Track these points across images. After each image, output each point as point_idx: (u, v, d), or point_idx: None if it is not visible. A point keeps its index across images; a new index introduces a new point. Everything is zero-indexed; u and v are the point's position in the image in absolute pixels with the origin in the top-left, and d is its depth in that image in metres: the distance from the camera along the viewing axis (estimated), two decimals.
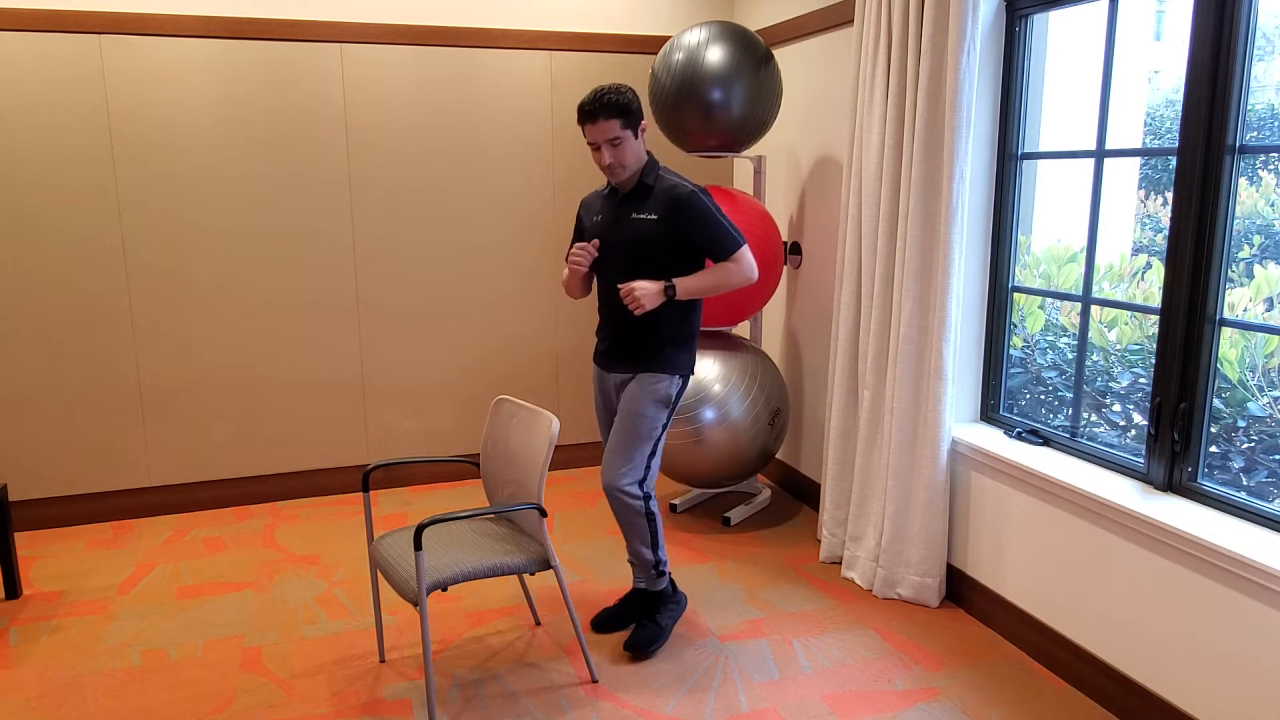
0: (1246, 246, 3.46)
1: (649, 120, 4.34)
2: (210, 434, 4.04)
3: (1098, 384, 3.57)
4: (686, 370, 2.79)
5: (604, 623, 2.98)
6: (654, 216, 2.67)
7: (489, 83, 4.15)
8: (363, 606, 3.15)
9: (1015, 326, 3.16)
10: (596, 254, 2.72)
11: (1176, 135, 2.31)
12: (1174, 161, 2.33)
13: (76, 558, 3.58)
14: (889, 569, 3.16)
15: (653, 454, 2.79)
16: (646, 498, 2.79)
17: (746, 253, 2.69)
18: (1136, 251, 4.69)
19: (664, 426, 2.78)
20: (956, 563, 3.12)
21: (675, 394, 2.78)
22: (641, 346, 2.75)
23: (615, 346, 2.80)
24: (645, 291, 2.59)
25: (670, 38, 3.99)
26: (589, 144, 2.65)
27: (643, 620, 2.90)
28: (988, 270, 3.05)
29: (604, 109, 2.57)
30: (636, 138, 2.64)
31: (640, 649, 2.81)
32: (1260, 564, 2.05)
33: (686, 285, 2.65)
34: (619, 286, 2.70)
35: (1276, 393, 2.96)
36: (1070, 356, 3.57)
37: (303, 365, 4.11)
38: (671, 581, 2.98)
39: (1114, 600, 2.49)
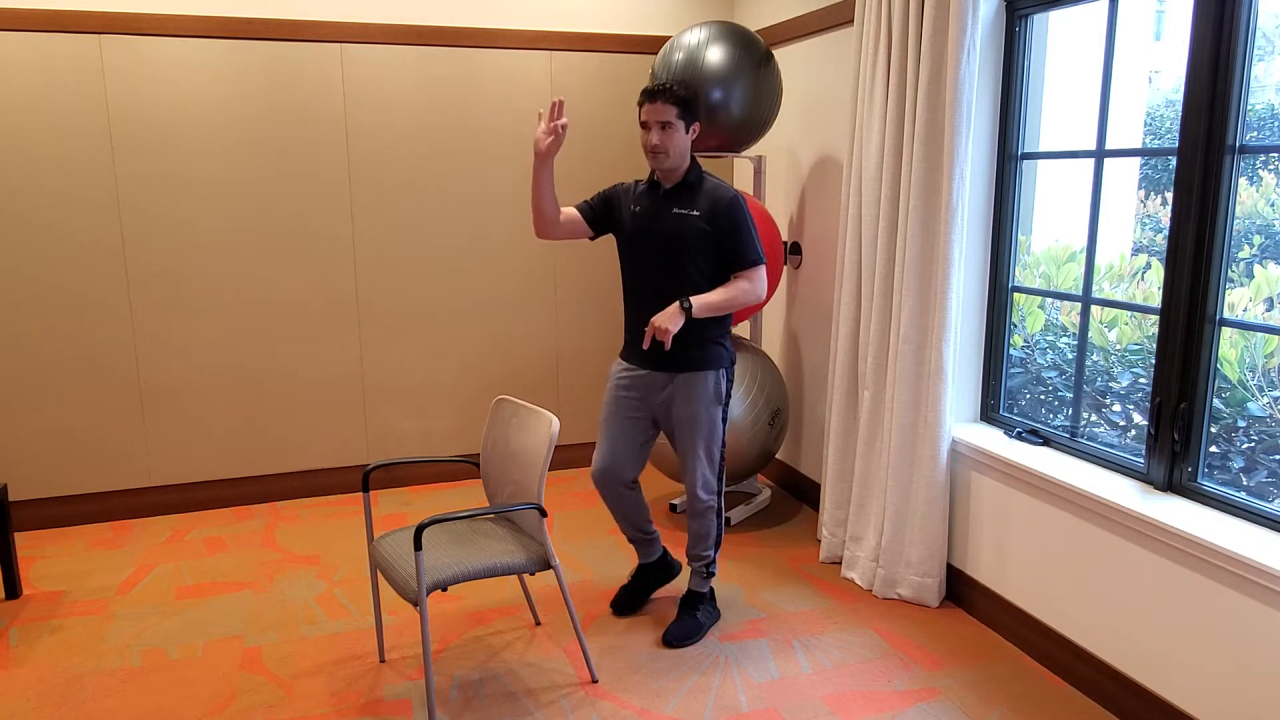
0: (1246, 246, 3.46)
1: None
2: (210, 434, 4.04)
3: (1098, 384, 3.57)
4: (728, 362, 2.86)
5: (622, 604, 3.09)
6: (696, 213, 2.74)
7: (489, 83, 4.15)
8: (363, 606, 3.15)
9: (1015, 326, 3.16)
10: (562, 121, 2.70)
11: (1176, 135, 2.31)
12: (1174, 161, 2.33)
13: (76, 558, 3.58)
14: (889, 569, 3.16)
15: (721, 450, 2.90)
16: (719, 495, 2.93)
17: (762, 272, 2.77)
18: (1136, 251, 4.69)
19: (724, 421, 2.88)
20: (956, 563, 3.12)
21: (725, 388, 2.87)
22: (680, 346, 2.80)
23: (652, 346, 2.83)
24: (667, 319, 2.64)
25: (670, 38, 3.99)
26: (641, 124, 2.73)
27: (682, 614, 2.98)
28: (988, 270, 3.05)
29: (665, 94, 2.69)
30: (686, 132, 2.74)
31: (681, 641, 2.90)
32: (1260, 564, 2.05)
33: (702, 302, 2.70)
34: (643, 330, 2.79)
35: (1276, 393, 2.96)
36: (1070, 356, 3.57)
37: (303, 365, 4.11)
38: (712, 590, 3.08)
39: (1114, 600, 2.49)
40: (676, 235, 2.74)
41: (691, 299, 2.69)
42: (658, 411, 2.89)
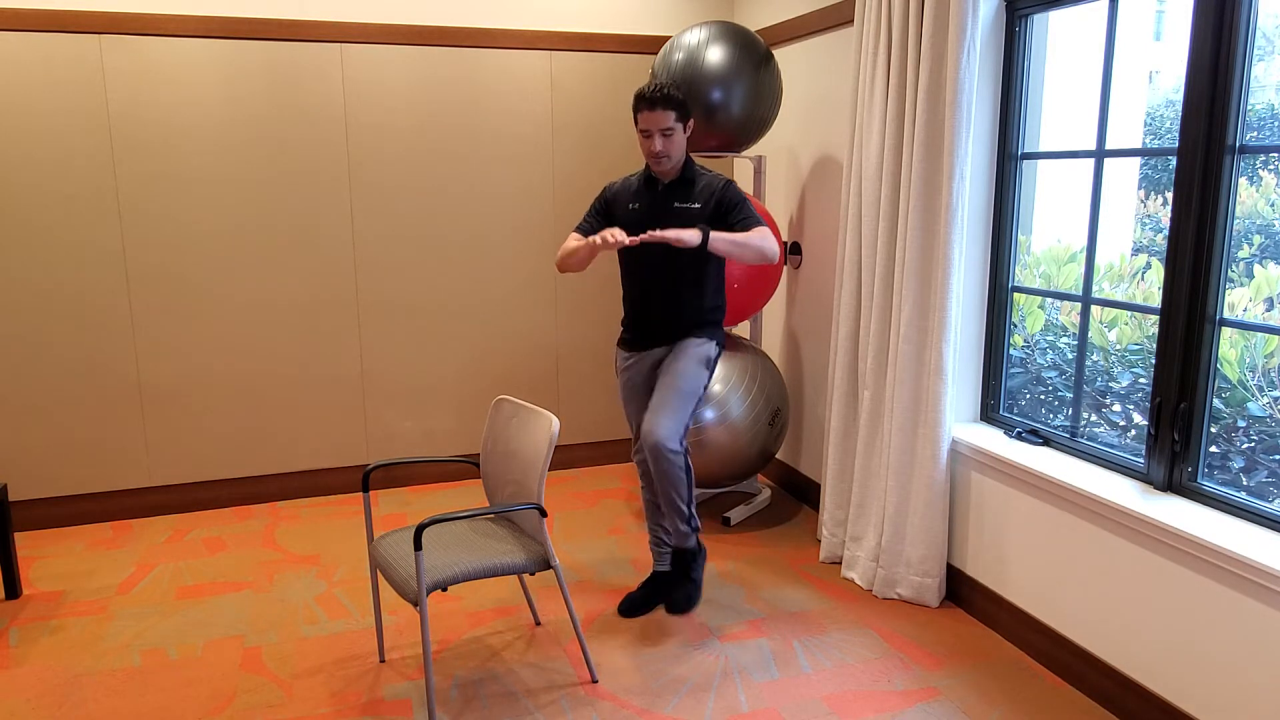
0: (1246, 246, 3.45)
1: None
2: (210, 434, 4.04)
3: (1098, 384, 3.57)
4: (722, 340, 2.92)
5: (630, 607, 3.08)
6: (697, 206, 2.79)
7: (489, 83, 4.15)
8: (363, 606, 3.15)
9: (1015, 326, 3.16)
10: (628, 243, 2.70)
11: (1176, 135, 2.31)
12: (1174, 161, 2.33)
13: (76, 558, 3.58)
14: (889, 569, 3.16)
15: (693, 412, 2.86)
16: (686, 452, 2.83)
17: (770, 232, 2.76)
18: (1136, 251, 4.68)
19: (704, 388, 2.87)
20: (956, 563, 3.12)
21: (714, 358, 2.89)
22: (681, 323, 2.86)
23: (653, 330, 2.88)
24: (685, 235, 2.58)
25: (670, 38, 3.99)
26: (641, 131, 2.74)
27: (678, 580, 2.94)
28: (988, 270, 3.05)
29: (663, 100, 2.69)
30: (684, 132, 2.77)
31: (686, 608, 2.90)
32: (1260, 564, 2.05)
33: (720, 236, 2.65)
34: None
35: (1276, 393, 2.96)
36: (1070, 356, 3.57)
37: (303, 365, 4.11)
38: (698, 541, 3.03)
39: (1114, 600, 2.49)
40: (683, 229, 2.76)
41: (712, 231, 2.64)
42: (654, 379, 2.92)
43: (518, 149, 4.26)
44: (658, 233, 2.60)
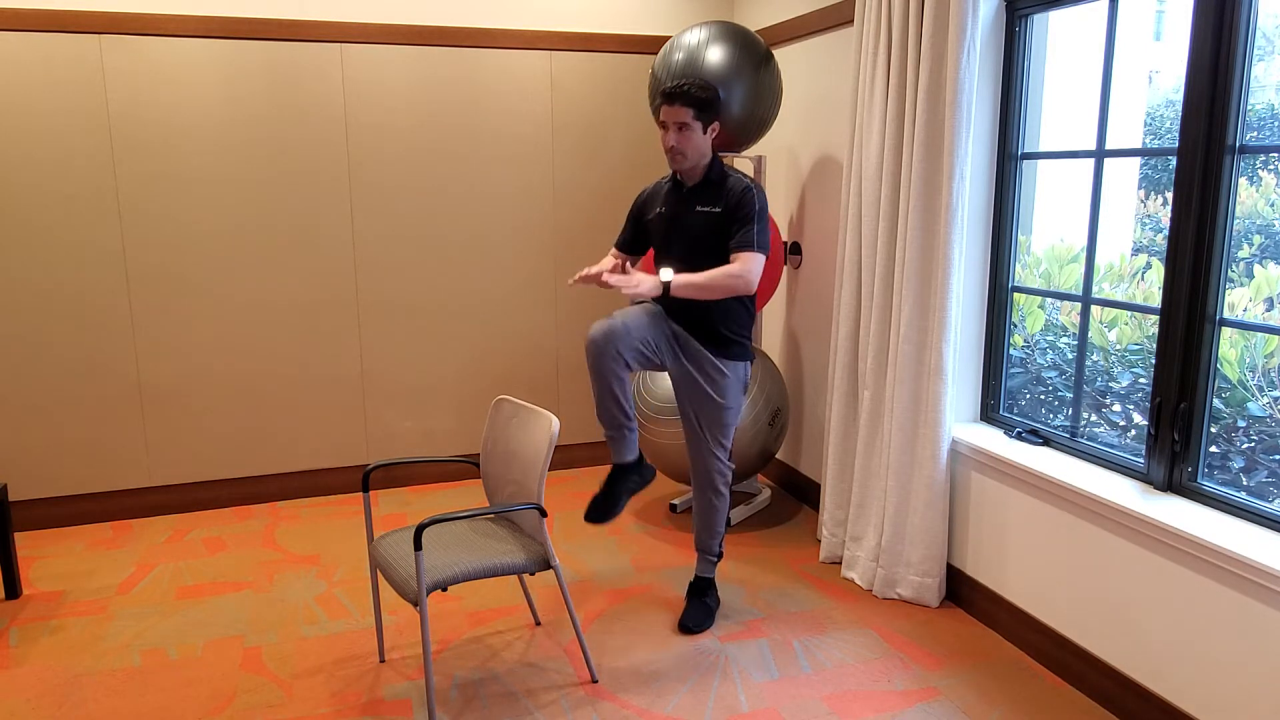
0: (1246, 246, 3.46)
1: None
2: (210, 434, 4.04)
3: (1098, 384, 3.57)
4: (751, 355, 2.96)
5: (597, 512, 2.83)
6: (718, 209, 2.78)
7: (489, 83, 4.15)
8: (363, 606, 3.15)
9: (1015, 326, 3.16)
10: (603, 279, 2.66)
11: (1176, 135, 2.31)
12: (1174, 161, 2.33)
13: (76, 558, 3.58)
14: (889, 569, 3.16)
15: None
16: (730, 480, 3.02)
17: (755, 260, 2.72)
18: (1136, 251, 4.68)
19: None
20: (956, 563, 3.12)
21: (748, 379, 2.96)
22: (712, 337, 2.85)
23: (679, 319, 2.87)
24: (646, 286, 2.64)
25: (670, 38, 3.98)
26: (659, 124, 2.77)
27: (694, 601, 3.03)
28: (988, 270, 3.05)
29: (682, 96, 2.70)
30: (704, 133, 2.75)
31: (700, 626, 2.96)
32: (1260, 564, 2.05)
33: (684, 281, 2.69)
34: (608, 278, 2.64)
35: (1276, 393, 2.96)
36: (1070, 356, 3.57)
37: (303, 365, 4.11)
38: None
39: (1114, 600, 2.49)
40: (700, 233, 2.78)
41: (674, 277, 2.68)
42: (678, 363, 2.86)
43: (518, 149, 4.26)
44: (609, 277, 2.57)
